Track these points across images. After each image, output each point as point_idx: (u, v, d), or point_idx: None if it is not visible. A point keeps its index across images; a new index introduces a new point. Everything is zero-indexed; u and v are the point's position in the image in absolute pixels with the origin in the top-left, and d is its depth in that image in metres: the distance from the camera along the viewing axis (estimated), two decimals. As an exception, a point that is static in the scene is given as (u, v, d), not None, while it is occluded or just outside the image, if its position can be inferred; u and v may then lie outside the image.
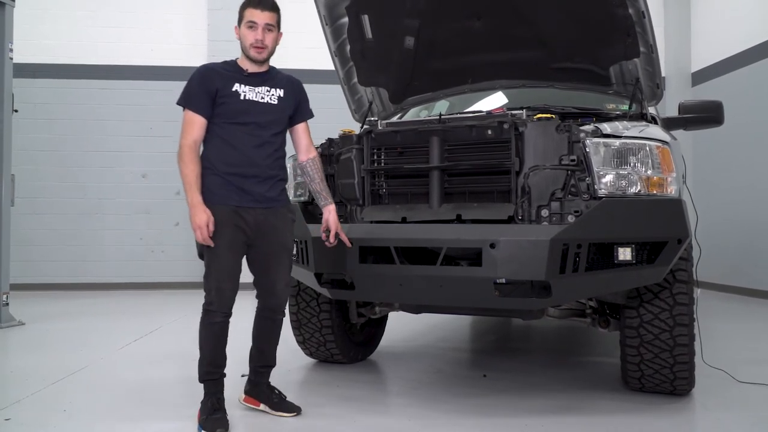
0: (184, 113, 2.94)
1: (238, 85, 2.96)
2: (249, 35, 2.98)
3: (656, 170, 2.93)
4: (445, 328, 5.64)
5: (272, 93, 3.03)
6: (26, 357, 4.63)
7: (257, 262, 3.06)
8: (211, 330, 2.96)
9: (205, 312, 2.98)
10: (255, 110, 2.97)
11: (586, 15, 3.69)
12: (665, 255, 2.88)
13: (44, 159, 8.93)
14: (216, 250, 2.89)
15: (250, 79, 3.00)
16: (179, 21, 9.24)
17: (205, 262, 2.95)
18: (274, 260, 3.06)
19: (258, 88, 3.00)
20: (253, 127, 2.95)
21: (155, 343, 5.09)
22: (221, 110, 2.93)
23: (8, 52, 5.89)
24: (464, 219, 3.08)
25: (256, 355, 3.20)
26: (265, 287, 3.12)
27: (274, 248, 3.05)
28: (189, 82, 2.97)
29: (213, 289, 2.93)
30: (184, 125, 2.92)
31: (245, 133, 2.93)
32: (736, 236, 8.12)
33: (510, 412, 3.21)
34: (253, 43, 2.97)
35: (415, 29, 4.06)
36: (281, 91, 3.06)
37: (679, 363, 3.18)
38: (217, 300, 2.93)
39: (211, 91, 2.92)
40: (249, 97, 2.97)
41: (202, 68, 3.00)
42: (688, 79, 9.38)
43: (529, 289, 3.02)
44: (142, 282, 8.94)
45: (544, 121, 3.05)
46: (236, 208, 2.92)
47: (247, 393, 3.24)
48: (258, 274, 3.10)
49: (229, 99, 2.93)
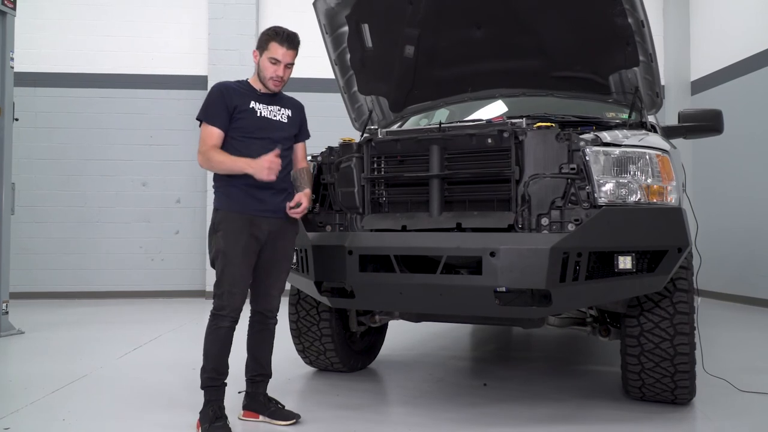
0: (203, 128, 3.06)
1: (254, 103, 3.10)
2: (270, 69, 3.08)
3: (656, 179, 2.94)
4: (446, 337, 5.63)
5: (282, 112, 3.19)
6: (26, 365, 4.62)
7: (260, 267, 3.13)
8: (217, 334, 3.03)
9: (213, 317, 3.05)
10: (270, 126, 3.12)
11: (585, 24, 3.71)
12: (665, 264, 2.88)
13: (45, 167, 8.94)
14: (231, 256, 2.99)
15: (263, 98, 3.15)
16: (180, 30, 9.27)
17: (218, 269, 3.03)
18: (276, 266, 3.17)
19: (271, 107, 3.15)
20: (268, 142, 3.06)
21: (155, 351, 5.08)
22: (240, 125, 3.06)
23: (9, 60, 5.90)
24: (464, 227, 3.08)
25: (252, 365, 3.24)
26: (261, 291, 3.19)
27: (279, 255, 3.17)
28: (208, 98, 3.09)
29: (225, 293, 3.01)
30: (202, 137, 3.05)
31: (262, 147, 3.03)
32: (736, 245, 8.12)
33: (511, 422, 3.20)
34: (273, 77, 3.09)
35: (415, 38, 4.08)
36: (289, 111, 3.22)
37: (679, 372, 3.17)
38: (228, 304, 3.01)
39: (229, 106, 3.04)
40: (264, 114, 3.12)
41: (220, 86, 3.11)
42: (687, 88, 9.40)
43: (529, 297, 3.02)
44: (142, 290, 8.92)
45: (544, 129, 3.06)
46: (253, 217, 3.03)
47: (246, 407, 3.24)
48: (257, 278, 3.16)
49: (247, 115, 3.07)
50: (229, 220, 3.01)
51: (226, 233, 3.00)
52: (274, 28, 3.11)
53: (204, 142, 3.03)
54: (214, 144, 3.02)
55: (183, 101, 9.08)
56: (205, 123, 3.05)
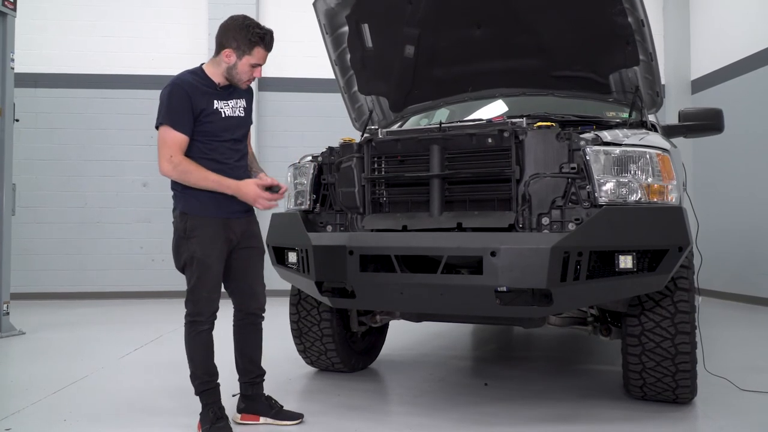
0: (165, 132, 2.84)
1: (216, 101, 2.96)
2: (247, 72, 2.98)
3: (657, 178, 2.93)
4: (446, 337, 5.63)
5: (239, 105, 3.06)
6: (27, 366, 4.62)
7: (235, 268, 3.08)
8: (200, 339, 2.99)
9: (191, 323, 2.99)
10: (232, 126, 3.01)
11: (585, 23, 3.70)
12: (666, 263, 2.87)
13: (45, 168, 8.94)
14: (208, 261, 2.92)
15: (222, 93, 3.00)
16: (180, 30, 9.27)
17: (193, 275, 2.92)
18: (252, 264, 3.13)
19: (230, 102, 3.02)
20: (232, 143, 3.01)
21: (156, 352, 5.08)
22: (206, 128, 2.92)
23: (10, 61, 5.91)
24: (465, 227, 3.08)
25: (249, 367, 3.17)
26: (244, 291, 3.13)
27: (253, 253, 3.13)
28: (170, 99, 2.85)
29: (203, 299, 2.95)
30: (167, 144, 2.83)
31: (228, 149, 2.99)
32: (737, 244, 8.11)
33: (512, 421, 3.20)
34: (250, 80, 3.02)
35: (415, 38, 4.08)
36: (243, 101, 3.10)
37: (681, 371, 3.17)
38: (207, 310, 2.97)
39: (195, 110, 2.88)
40: (227, 113, 2.99)
41: (183, 85, 2.89)
42: (687, 87, 9.40)
43: (530, 297, 3.02)
44: (143, 291, 8.92)
45: (544, 129, 3.06)
46: (227, 220, 2.98)
47: (243, 411, 3.18)
48: (236, 280, 3.10)
49: (213, 118, 2.93)
50: (204, 225, 2.91)
51: (202, 239, 2.90)
52: (255, 28, 2.90)
53: (170, 149, 2.82)
54: (181, 151, 2.84)
55: (183, 102, 9.07)
56: (167, 127, 2.83)
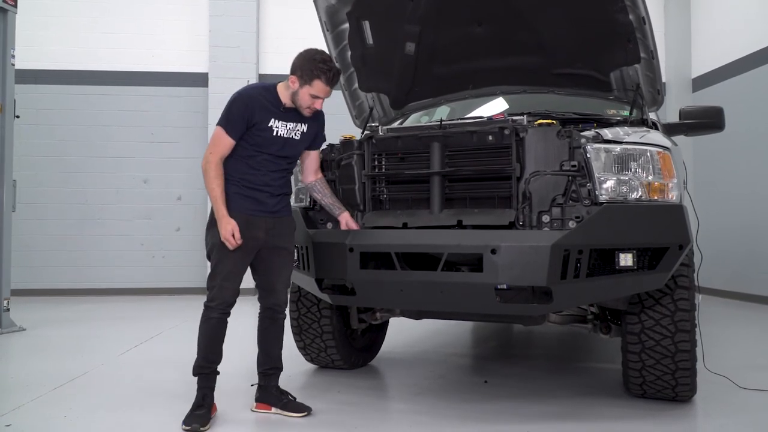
0: (219, 132, 3.08)
1: (273, 121, 3.13)
2: (308, 101, 3.12)
3: (657, 176, 2.93)
4: (447, 334, 5.63)
5: (298, 128, 3.21)
6: (27, 362, 4.63)
7: (261, 264, 3.23)
8: (208, 325, 3.14)
9: (205, 308, 3.15)
10: (281, 145, 3.17)
11: (586, 21, 3.70)
12: (666, 261, 2.88)
13: (45, 164, 8.94)
14: (226, 251, 3.07)
15: (285, 114, 3.16)
16: (180, 27, 9.25)
17: (213, 262, 3.13)
18: (277, 262, 3.23)
19: (289, 124, 3.17)
20: (275, 157, 3.17)
21: (156, 348, 5.09)
22: (254, 140, 3.11)
23: (10, 58, 5.90)
24: (465, 225, 3.08)
25: (264, 359, 3.33)
26: (265, 287, 3.28)
27: (279, 251, 3.23)
28: (231, 106, 3.09)
29: (216, 286, 3.10)
30: (215, 140, 3.09)
31: (268, 160, 3.14)
32: (737, 242, 8.11)
33: (512, 419, 3.20)
34: (310, 108, 3.14)
35: (415, 35, 4.07)
36: (305, 126, 3.23)
37: (681, 369, 3.17)
38: (218, 297, 3.10)
39: (249, 121, 3.08)
40: (281, 133, 3.15)
41: (246, 96, 3.11)
42: (688, 85, 9.39)
43: (530, 294, 3.02)
44: (143, 287, 8.93)
45: (545, 126, 3.05)
46: (250, 217, 3.09)
47: (258, 400, 3.33)
48: (261, 275, 3.27)
49: (263, 133, 3.11)
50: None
51: None
52: (321, 63, 3.05)
53: (215, 148, 3.07)
54: (222, 155, 3.06)
55: (184, 98, 9.09)
56: (221, 128, 3.07)
